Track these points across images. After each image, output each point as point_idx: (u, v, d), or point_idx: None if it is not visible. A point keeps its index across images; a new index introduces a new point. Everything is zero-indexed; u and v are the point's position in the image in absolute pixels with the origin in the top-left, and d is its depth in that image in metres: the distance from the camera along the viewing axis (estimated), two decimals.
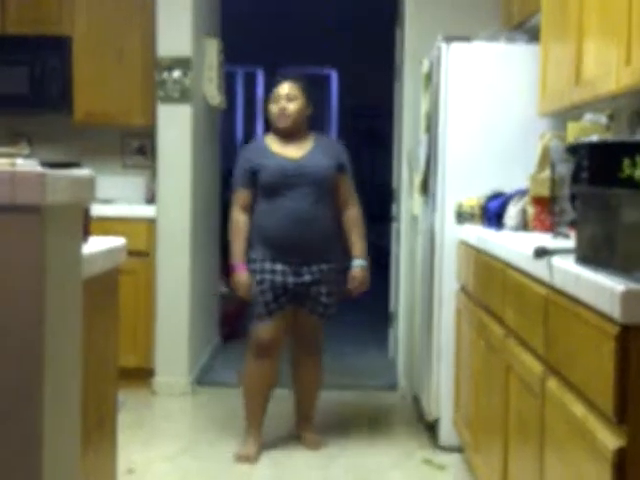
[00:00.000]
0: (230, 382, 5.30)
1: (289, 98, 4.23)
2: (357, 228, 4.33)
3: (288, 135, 4.27)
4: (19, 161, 1.65)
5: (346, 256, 4.33)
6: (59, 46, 5.40)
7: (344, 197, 4.31)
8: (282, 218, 4.13)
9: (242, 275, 4.17)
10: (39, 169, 1.62)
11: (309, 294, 4.21)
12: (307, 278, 4.17)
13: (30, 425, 1.64)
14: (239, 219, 4.22)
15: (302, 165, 4.17)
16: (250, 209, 4.22)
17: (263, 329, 4.18)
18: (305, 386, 4.43)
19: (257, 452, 4.20)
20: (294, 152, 4.23)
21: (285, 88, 4.25)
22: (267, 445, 4.30)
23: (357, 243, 4.31)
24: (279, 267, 4.14)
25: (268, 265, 4.15)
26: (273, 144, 4.27)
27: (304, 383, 4.43)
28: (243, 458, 4.15)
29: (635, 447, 1.89)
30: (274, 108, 4.26)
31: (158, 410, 5.08)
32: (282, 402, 4.58)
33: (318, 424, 4.49)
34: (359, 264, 4.31)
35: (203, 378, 5.60)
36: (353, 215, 4.33)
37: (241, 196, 4.23)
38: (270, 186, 4.15)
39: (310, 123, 4.36)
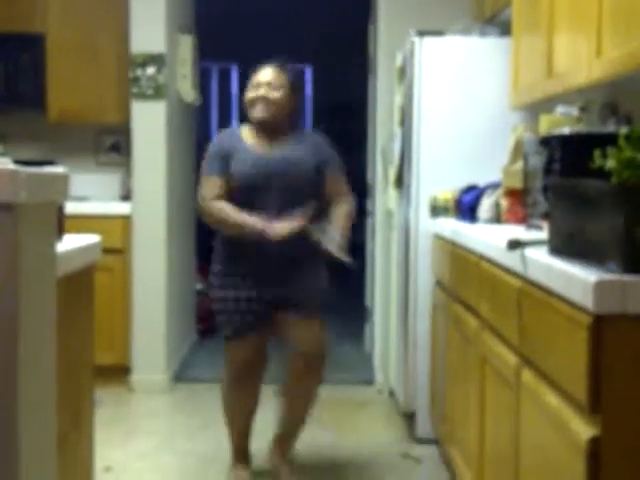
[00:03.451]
0: (208, 378, 5.30)
1: (272, 86, 3.62)
2: (341, 220, 3.67)
3: (266, 129, 3.67)
4: None
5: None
6: (32, 44, 5.38)
7: (330, 196, 3.71)
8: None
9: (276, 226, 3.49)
10: (12, 167, 1.61)
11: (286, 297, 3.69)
12: (277, 292, 3.67)
13: (5, 424, 1.63)
14: (221, 205, 3.58)
15: (278, 163, 3.60)
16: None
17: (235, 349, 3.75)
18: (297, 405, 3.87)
19: (249, 476, 3.88)
20: (269, 149, 3.66)
21: (267, 74, 3.64)
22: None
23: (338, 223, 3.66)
24: (244, 282, 3.64)
25: (230, 280, 3.66)
26: (248, 136, 3.69)
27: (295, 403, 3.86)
28: None
29: (609, 436, 1.90)
30: (251, 95, 3.66)
31: (135, 407, 5.07)
32: None
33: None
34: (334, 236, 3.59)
35: (181, 375, 5.59)
36: (341, 209, 3.71)
37: (215, 184, 3.60)
38: (240, 185, 3.59)
39: (294, 121, 3.79)
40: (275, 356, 3.89)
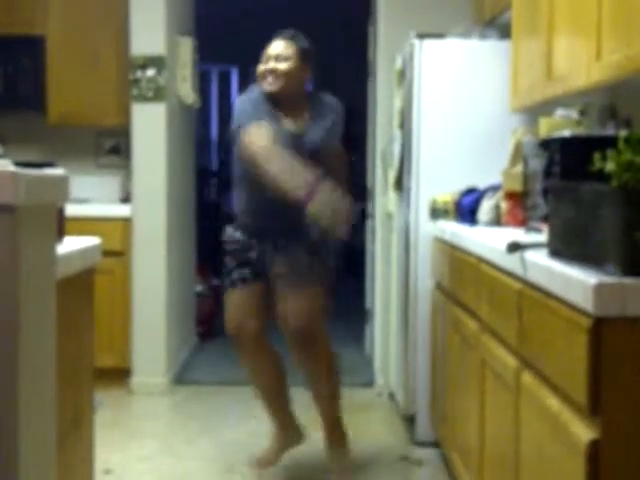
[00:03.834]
0: (208, 381, 5.30)
1: (281, 58, 3.65)
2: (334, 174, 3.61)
3: (278, 101, 3.68)
4: None
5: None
6: (33, 46, 5.39)
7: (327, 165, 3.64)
8: (265, 203, 3.61)
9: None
10: (12, 169, 1.61)
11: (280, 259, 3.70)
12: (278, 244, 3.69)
13: (5, 426, 1.63)
14: (282, 154, 3.48)
15: (300, 138, 3.62)
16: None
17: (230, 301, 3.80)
18: (312, 388, 3.92)
19: (274, 456, 3.91)
20: (289, 123, 3.67)
21: (277, 47, 3.68)
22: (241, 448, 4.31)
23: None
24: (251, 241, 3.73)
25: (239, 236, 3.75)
26: (268, 105, 3.67)
27: (309, 385, 3.93)
28: (256, 464, 3.89)
29: (608, 439, 1.90)
30: (261, 68, 3.69)
31: (135, 410, 5.07)
32: None
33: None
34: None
35: (181, 377, 5.59)
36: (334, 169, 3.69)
37: (269, 131, 3.52)
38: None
39: (308, 89, 3.84)
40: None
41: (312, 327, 3.75)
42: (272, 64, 3.65)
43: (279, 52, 3.66)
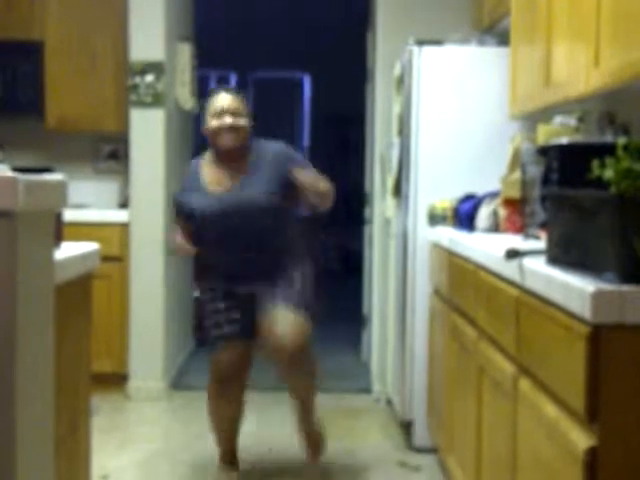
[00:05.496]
0: (205, 386, 5.27)
1: (237, 114, 3.68)
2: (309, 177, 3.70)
3: (230, 156, 3.73)
4: None
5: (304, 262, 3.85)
6: (31, 51, 5.39)
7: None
8: (226, 256, 3.76)
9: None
10: (10, 174, 1.61)
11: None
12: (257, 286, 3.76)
13: (2, 432, 1.63)
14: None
15: (236, 196, 3.68)
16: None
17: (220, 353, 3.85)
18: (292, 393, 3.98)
19: (238, 477, 3.97)
20: (228, 180, 3.72)
21: (231, 102, 3.69)
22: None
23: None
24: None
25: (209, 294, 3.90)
26: (208, 171, 3.78)
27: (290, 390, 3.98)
28: None
29: (606, 446, 1.90)
30: (216, 123, 3.67)
31: (133, 415, 5.06)
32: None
33: (292, 427, 4.44)
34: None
35: (178, 382, 5.59)
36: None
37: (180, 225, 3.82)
38: (204, 224, 3.73)
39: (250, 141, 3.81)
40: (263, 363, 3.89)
41: (300, 345, 3.71)
42: (230, 120, 3.66)
43: (236, 107, 3.69)
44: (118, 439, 4.52)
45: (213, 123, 3.68)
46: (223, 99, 3.70)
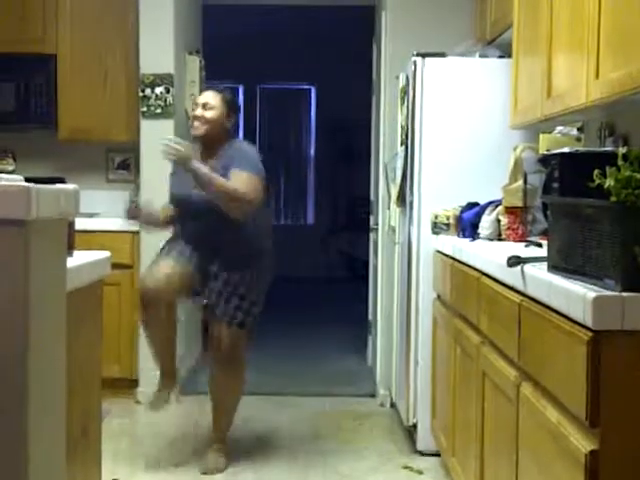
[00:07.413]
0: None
1: (207, 107, 4.07)
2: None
3: (203, 145, 4.12)
4: (4, 176, 1.66)
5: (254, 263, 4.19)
6: (44, 64, 5.48)
7: None
8: (189, 237, 4.17)
9: None
10: (24, 184, 1.63)
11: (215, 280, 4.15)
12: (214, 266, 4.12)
13: (15, 436, 1.65)
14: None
15: (192, 188, 4.04)
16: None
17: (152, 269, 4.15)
18: (215, 397, 4.34)
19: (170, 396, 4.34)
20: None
21: (205, 97, 4.13)
22: (244, 455, 4.35)
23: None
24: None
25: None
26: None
27: (214, 393, 4.35)
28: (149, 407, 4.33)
29: (608, 450, 1.92)
30: (191, 114, 4.22)
31: (142, 420, 5.09)
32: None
33: (298, 431, 4.47)
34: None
35: (186, 388, 5.60)
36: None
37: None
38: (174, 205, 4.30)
39: (230, 136, 4.18)
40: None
41: (235, 353, 4.20)
42: (199, 111, 4.08)
43: (206, 101, 4.10)
44: (128, 444, 4.54)
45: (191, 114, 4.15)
46: (204, 95, 4.18)
